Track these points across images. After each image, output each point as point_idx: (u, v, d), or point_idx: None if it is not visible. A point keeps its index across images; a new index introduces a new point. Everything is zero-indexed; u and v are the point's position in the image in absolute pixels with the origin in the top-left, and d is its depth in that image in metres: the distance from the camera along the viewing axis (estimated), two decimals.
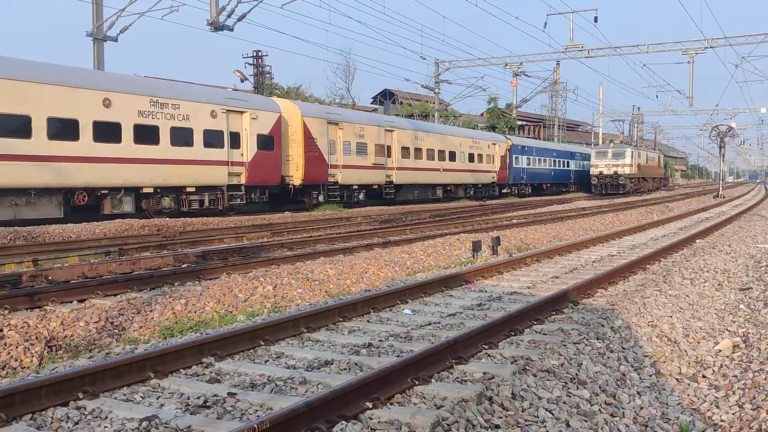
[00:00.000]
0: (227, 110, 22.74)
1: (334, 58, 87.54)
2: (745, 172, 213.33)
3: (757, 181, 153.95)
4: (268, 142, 24.26)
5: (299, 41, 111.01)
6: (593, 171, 50.28)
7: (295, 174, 25.71)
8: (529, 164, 46.53)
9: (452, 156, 36.70)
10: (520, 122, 72.31)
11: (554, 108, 72.97)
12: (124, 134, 19.31)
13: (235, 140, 23.08)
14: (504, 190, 44.07)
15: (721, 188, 48.08)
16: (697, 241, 15.74)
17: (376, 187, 30.61)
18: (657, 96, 66.84)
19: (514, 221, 20.69)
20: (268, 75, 47.28)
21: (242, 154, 23.31)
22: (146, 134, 19.99)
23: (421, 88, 47.97)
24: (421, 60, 56.94)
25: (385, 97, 66.08)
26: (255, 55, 46.43)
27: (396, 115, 49.68)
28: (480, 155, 39.95)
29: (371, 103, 65.67)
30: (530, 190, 47.50)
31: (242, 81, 42.23)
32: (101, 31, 27.22)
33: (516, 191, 45.27)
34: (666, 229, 19.47)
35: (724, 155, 51.94)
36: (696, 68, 43.84)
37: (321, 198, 26.94)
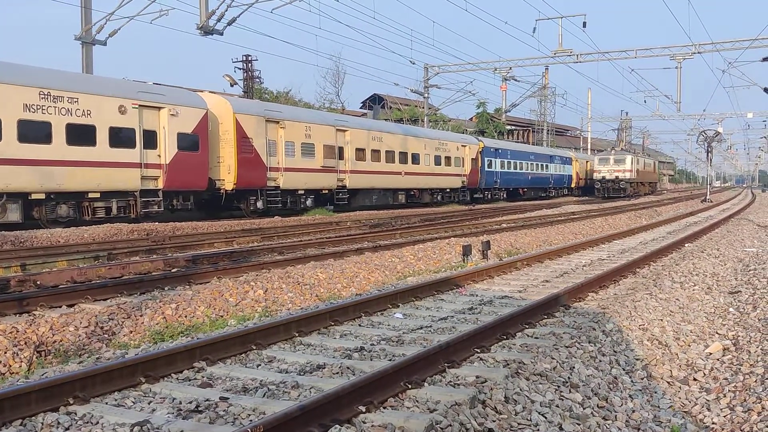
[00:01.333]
0: (140, 105, 20.18)
1: (324, 63, 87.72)
2: (732, 176, 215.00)
3: (744, 185, 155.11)
4: (191, 142, 21.66)
5: (289, 46, 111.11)
6: (596, 176, 54.45)
7: (227, 178, 23.16)
8: (503, 168, 44.49)
9: (415, 158, 34.31)
10: (509, 127, 72.57)
11: (543, 113, 73.32)
12: (4, 131, 16.90)
13: (151, 139, 20.51)
14: (476, 195, 41.79)
15: (708, 192, 48.39)
16: (686, 245, 15.83)
17: (327, 192, 28.16)
18: (645, 101, 67.51)
19: (504, 225, 20.73)
20: (257, 79, 47.19)
21: (159, 156, 20.74)
22: (34, 131, 17.53)
23: (411, 93, 48.03)
24: (411, 65, 56.99)
25: (375, 102, 66.15)
26: (245, 59, 46.34)
27: (385, 119, 49.43)
28: (448, 158, 37.60)
29: (360, 108, 65.70)
30: (505, 195, 45.45)
31: (232, 85, 42.11)
32: (90, 35, 27.10)
33: (489, 196, 43.15)
34: (655, 233, 19.57)
35: (711, 160, 52.30)
36: (684, 73, 44.06)
37: (260, 204, 24.54)
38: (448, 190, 38.23)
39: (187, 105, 21.82)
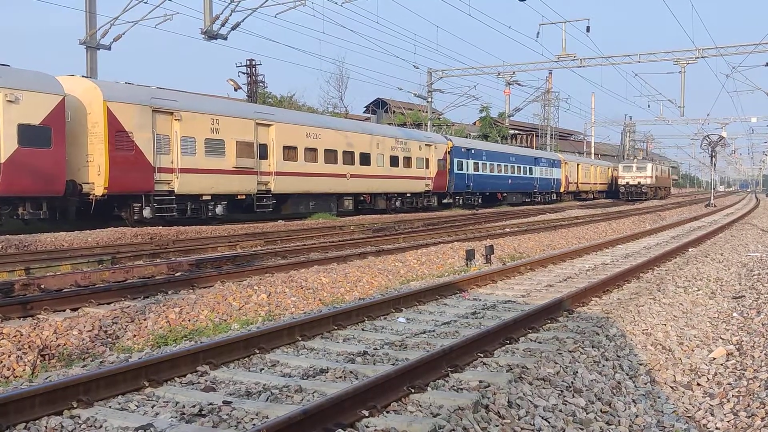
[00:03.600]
0: None
1: (328, 67, 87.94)
2: (736, 181, 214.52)
3: (748, 190, 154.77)
4: (40, 136, 17.58)
5: (293, 50, 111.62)
6: (621, 181, 60.76)
7: (97, 180, 18.95)
8: (477, 170, 40.11)
9: (365, 158, 30.02)
10: (512, 131, 72.61)
11: (547, 117, 73.33)
12: None
13: None
14: (445, 200, 37.90)
15: (712, 197, 48.30)
16: (690, 249, 15.81)
17: (244, 197, 24.00)
18: (649, 105, 67.84)
19: (507, 230, 20.73)
20: (261, 84, 47.29)
21: None
22: None
23: (414, 97, 48.11)
24: (414, 69, 57.03)
25: (378, 106, 66.20)
26: (248, 63, 46.44)
27: (389, 124, 49.16)
28: (407, 158, 33.44)
29: (364, 112, 65.79)
30: (480, 201, 41.17)
31: (235, 90, 42.31)
32: (94, 40, 27.20)
33: (460, 201, 39.01)
34: (659, 238, 19.54)
35: (715, 164, 52.23)
36: (687, 78, 44.15)
37: (146, 213, 20.19)
38: (408, 195, 34.04)
39: (34, 89, 17.64)
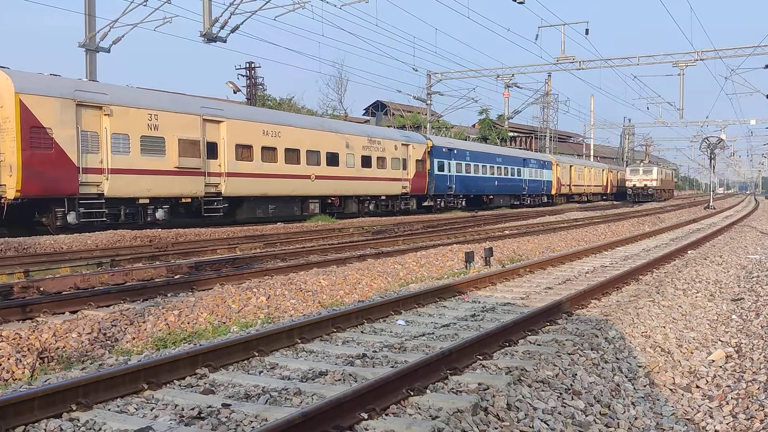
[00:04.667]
0: None
1: (327, 70, 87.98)
2: (735, 183, 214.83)
3: (747, 192, 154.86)
4: None
5: (292, 53, 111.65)
6: (628, 184, 64.15)
7: (9, 182, 17.30)
8: (460, 171, 38.24)
9: (332, 158, 28.11)
10: (511, 134, 72.65)
11: (546, 119, 73.39)
12: None
13: None
14: (425, 203, 35.98)
15: (711, 199, 48.32)
16: (689, 252, 15.81)
17: (189, 200, 22.13)
18: (648, 108, 68.31)
19: (507, 232, 20.73)
20: (260, 86, 47.38)
21: None
22: None
23: (414, 100, 48.19)
24: (414, 72, 56.98)
25: (377, 109, 66.25)
26: (248, 66, 46.55)
27: (388, 126, 49.07)
28: (382, 159, 31.37)
29: (363, 114, 65.82)
30: (464, 204, 39.47)
31: (235, 92, 42.32)
32: (94, 42, 27.24)
33: (442, 204, 37.28)
34: (658, 240, 19.55)
35: (714, 167, 52.26)
36: (686, 80, 44.32)
37: (71, 218, 18.38)
38: (383, 197, 32.02)
39: None
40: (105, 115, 19.15)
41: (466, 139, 54.46)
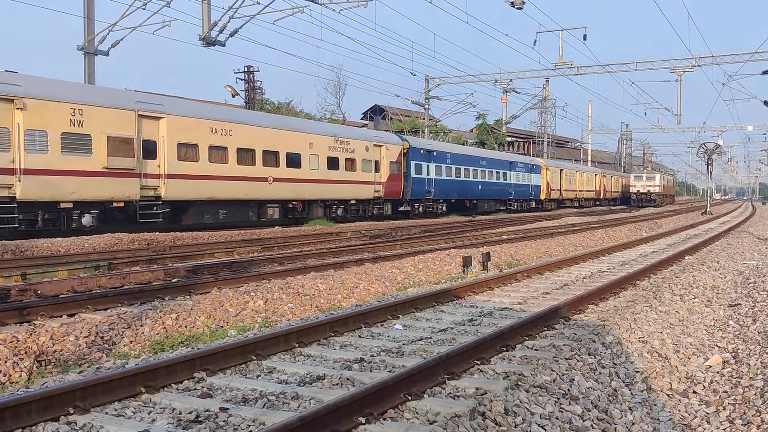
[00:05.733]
0: None
1: (325, 74, 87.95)
2: (732, 189, 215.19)
3: (744, 198, 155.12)
4: None
5: (291, 57, 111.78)
6: (632, 189, 68.51)
7: None
8: (440, 174, 36.12)
9: (293, 160, 25.98)
10: (509, 138, 72.82)
11: (543, 124, 73.47)
12: None
13: None
14: (401, 208, 33.79)
15: (708, 205, 48.42)
16: (686, 257, 15.84)
17: (122, 204, 20.00)
18: (645, 113, 68.98)
19: (504, 237, 20.75)
20: (259, 90, 47.43)
21: None
22: None
23: (412, 104, 48.22)
24: (412, 76, 57.05)
25: (375, 113, 66.37)
26: (246, 70, 46.59)
27: (386, 130, 49.07)
28: (351, 160, 29.26)
29: (361, 119, 65.92)
30: (444, 209, 37.34)
31: (233, 96, 42.40)
32: (92, 45, 27.26)
33: (420, 209, 34.97)
34: (655, 246, 19.57)
35: (711, 172, 52.39)
36: (684, 86, 44.25)
37: None
38: (353, 202, 29.87)
39: None
40: (17, 108, 17.08)
41: (463, 144, 54.46)
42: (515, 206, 46.70)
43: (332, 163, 28.14)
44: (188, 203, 22.05)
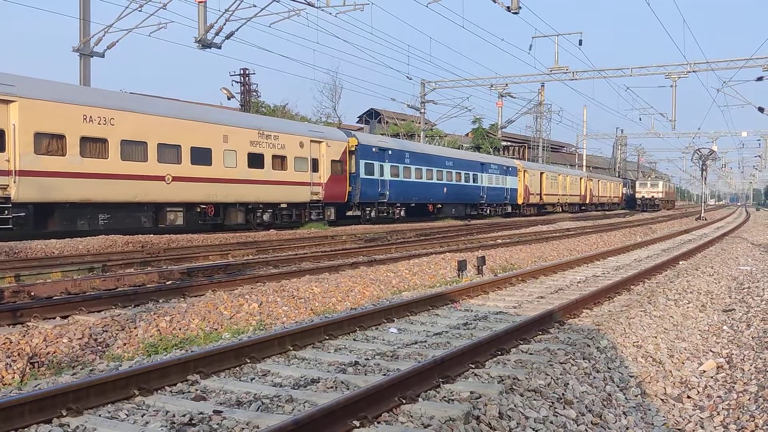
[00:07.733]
0: None
1: (321, 78, 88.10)
2: (727, 194, 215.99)
3: (738, 203, 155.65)
4: None
5: (286, 60, 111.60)
6: (638, 195, 76.06)
7: None
8: (396, 175, 32.38)
9: (201, 155, 21.99)
10: (505, 143, 72.89)
11: (539, 129, 73.63)
12: None
13: None
14: (349, 213, 30.76)
15: (703, 210, 48.55)
16: (681, 262, 15.87)
17: None
18: (640, 118, 69.60)
19: (499, 241, 20.76)
20: (255, 93, 47.41)
21: None
22: None
23: (407, 108, 48.27)
24: (408, 80, 57.25)
25: (371, 117, 66.37)
26: (242, 73, 46.59)
27: (382, 134, 49.04)
28: (280, 157, 25.43)
29: (357, 122, 65.93)
30: (403, 213, 33.67)
31: (229, 99, 42.36)
32: (88, 47, 27.20)
33: (372, 214, 31.19)
34: (649, 251, 19.61)
35: (706, 178, 52.54)
36: (678, 92, 44.44)
37: None
38: (284, 205, 26.11)
39: None
40: None
41: (459, 148, 54.47)
42: (488, 211, 43.15)
43: (255, 160, 24.25)
44: (53, 206, 18.15)
